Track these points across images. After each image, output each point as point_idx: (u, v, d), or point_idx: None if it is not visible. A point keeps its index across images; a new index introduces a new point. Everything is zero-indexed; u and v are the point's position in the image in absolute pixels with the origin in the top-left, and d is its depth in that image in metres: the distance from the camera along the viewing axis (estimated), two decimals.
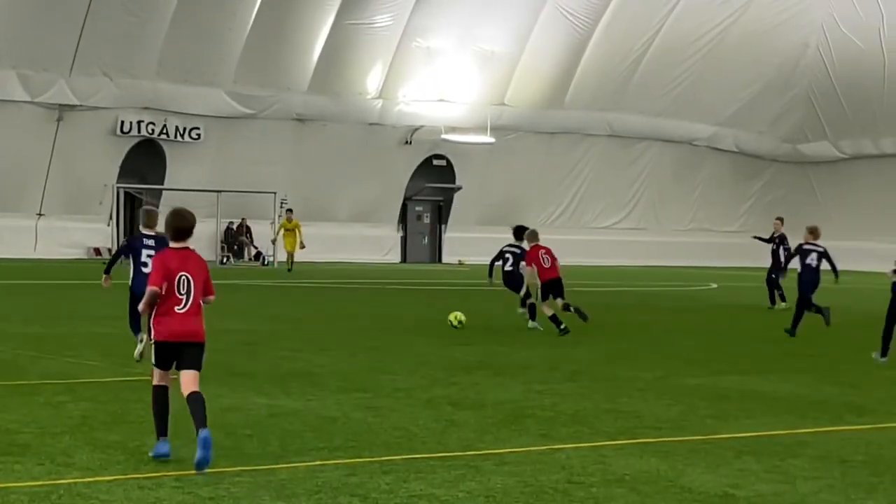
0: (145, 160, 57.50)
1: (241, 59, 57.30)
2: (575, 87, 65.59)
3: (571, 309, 25.11)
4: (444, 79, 62.33)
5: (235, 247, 59.51)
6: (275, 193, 56.90)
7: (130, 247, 18.12)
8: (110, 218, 54.70)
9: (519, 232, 27.14)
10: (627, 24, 64.30)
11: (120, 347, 19.62)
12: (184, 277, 10.88)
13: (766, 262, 35.78)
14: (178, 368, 10.91)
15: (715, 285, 45.70)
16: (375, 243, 63.15)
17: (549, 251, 25.78)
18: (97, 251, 55.55)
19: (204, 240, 57.12)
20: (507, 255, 27.15)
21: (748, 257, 65.18)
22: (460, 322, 24.78)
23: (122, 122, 56.47)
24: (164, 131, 57.47)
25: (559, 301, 25.03)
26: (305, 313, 28.81)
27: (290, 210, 54.20)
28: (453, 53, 61.69)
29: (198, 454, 10.24)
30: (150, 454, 10.78)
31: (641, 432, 12.78)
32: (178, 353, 10.89)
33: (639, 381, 17.02)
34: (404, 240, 65.23)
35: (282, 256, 53.97)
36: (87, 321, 24.57)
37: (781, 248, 34.78)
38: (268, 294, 36.00)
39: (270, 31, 56.75)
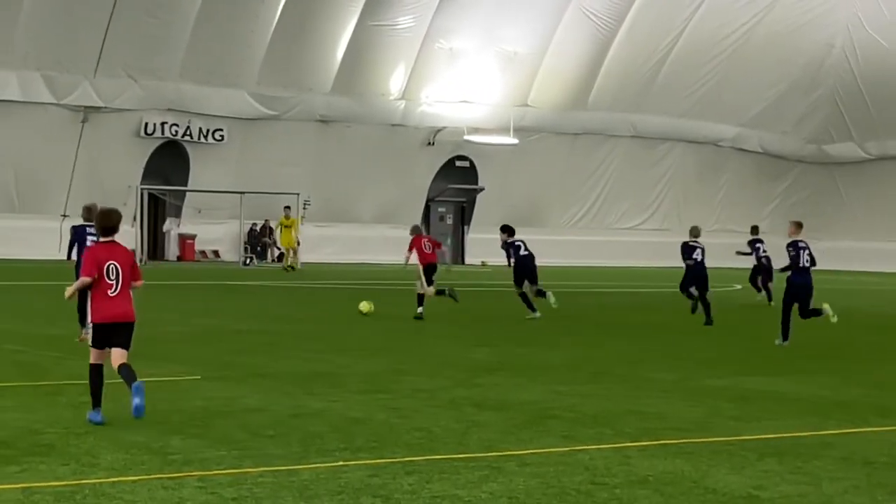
0: (169, 161, 57.65)
1: (264, 60, 57.40)
2: (598, 88, 65.50)
3: (446, 293, 28.44)
4: (466, 80, 62.32)
5: (258, 248, 59.59)
6: (298, 195, 56.96)
7: (78, 235, 20.91)
8: (134, 219, 54.75)
9: (508, 228, 29.64)
10: (651, 24, 64.19)
11: (144, 348, 19.62)
12: (112, 266, 12.64)
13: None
14: (110, 346, 12.61)
15: (739, 286, 45.55)
16: (398, 244, 62.81)
17: (430, 239, 29.65)
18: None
19: (227, 241, 57.28)
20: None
21: (774, 258, 65.01)
22: (365, 311, 27.68)
23: (146, 124, 56.63)
24: (188, 133, 57.61)
25: (431, 289, 28.20)
26: (327, 314, 28.81)
27: (287, 207, 54.40)
28: (476, 54, 61.67)
29: (135, 401, 12.15)
30: (87, 420, 12.38)
31: (665, 433, 12.74)
32: (112, 333, 12.63)
33: (661, 383, 16.97)
34: None
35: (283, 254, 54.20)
36: None
37: (755, 253, 35.78)
38: (290, 295, 36.02)
39: (293, 32, 56.82)
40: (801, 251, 23.33)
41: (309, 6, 56.86)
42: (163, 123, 57.05)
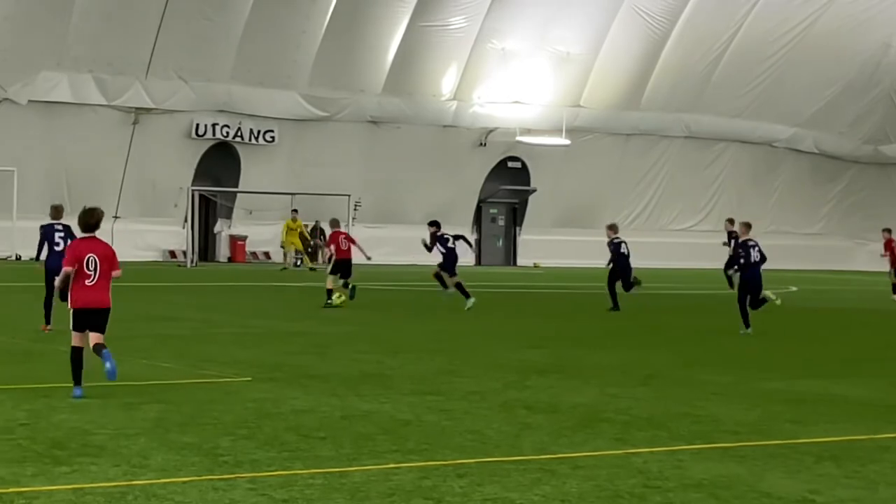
0: (220, 163, 57.88)
1: (315, 61, 57.52)
2: (651, 88, 65.28)
3: (348, 286, 31.55)
4: (518, 80, 62.24)
5: (309, 249, 59.70)
6: (348, 196, 57.04)
7: (46, 233, 22.47)
8: (185, 220, 55.04)
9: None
10: (705, 23, 63.90)
11: (194, 350, 19.69)
12: (91, 258, 14.27)
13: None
14: (88, 329, 14.23)
15: (794, 288, 45.26)
16: None
17: (347, 236, 33.11)
18: (172, 254, 55.98)
19: (278, 242, 57.40)
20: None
21: (830, 260, 64.77)
22: (338, 302, 30.55)
23: (197, 125, 56.88)
24: (239, 134, 57.82)
25: (342, 281, 31.64)
26: (377, 316, 28.81)
27: (295, 210, 54.58)
28: (528, 55, 61.59)
29: (106, 365, 13.98)
30: (71, 397, 13.91)
31: (719, 437, 12.62)
32: (89, 317, 14.26)
33: (715, 385, 16.84)
34: (479, 242, 65.13)
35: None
36: (161, 323, 24.71)
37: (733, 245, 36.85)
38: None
39: (345, 33, 56.91)
40: (752, 249, 25.96)
41: (360, 7, 56.92)
42: (214, 125, 57.27)
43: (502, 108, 62.70)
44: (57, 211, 22.87)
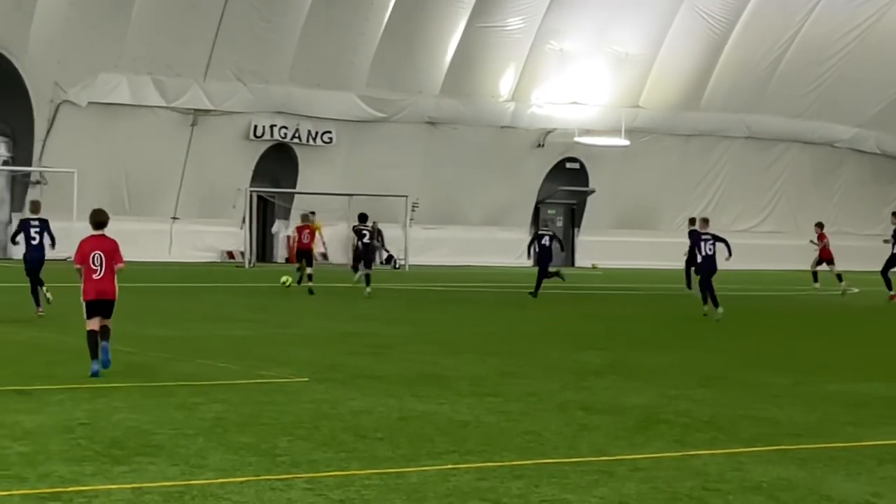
0: (278, 164, 58.10)
1: (373, 62, 57.63)
2: (711, 89, 64.99)
3: (311, 277, 36.39)
4: (577, 81, 62.12)
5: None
6: (406, 197, 57.09)
7: (23, 227, 24.50)
8: (243, 221, 55.28)
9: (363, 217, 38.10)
10: (766, 23, 63.55)
11: (252, 350, 19.74)
12: (97, 255, 16.17)
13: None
14: (98, 316, 16.05)
15: (856, 290, 44.90)
16: (507, 247, 63.05)
17: (311, 231, 38.29)
18: (230, 254, 56.21)
19: (335, 242, 57.56)
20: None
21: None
22: (285, 283, 35.93)
23: (255, 127, 57.11)
24: (297, 135, 58.01)
25: (309, 269, 36.67)
26: (435, 316, 28.80)
27: (312, 212, 54.68)
28: (587, 55, 61.46)
29: (101, 356, 15.82)
30: (90, 374, 15.64)
31: (779, 439, 12.51)
32: (98, 307, 16.06)
33: (775, 387, 16.70)
34: None
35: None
36: (219, 323, 24.80)
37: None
38: (398, 297, 36.07)
39: (402, 34, 56.98)
40: (705, 242, 29.15)
41: (418, 8, 56.98)
42: (272, 126, 57.49)
43: (561, 108, 62.59)
44: (35, 206, 25.37)
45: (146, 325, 23.97)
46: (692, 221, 42.06)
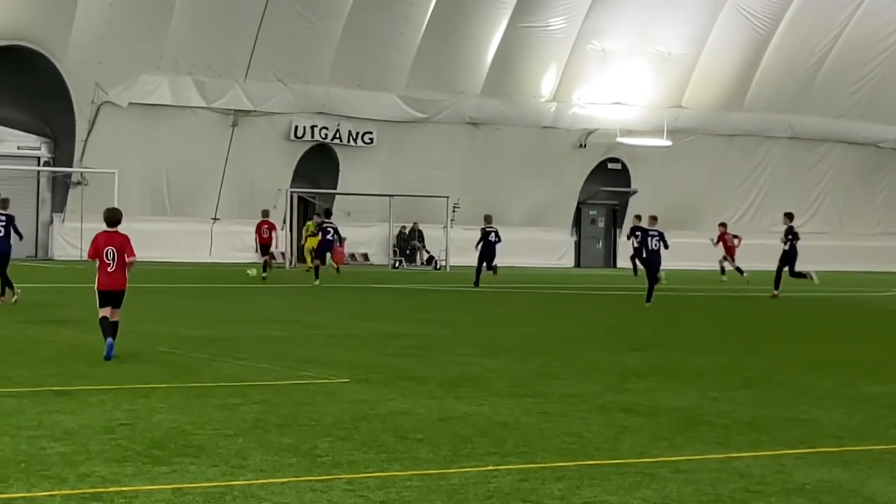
0: (318, 165, 58.19)
1: (413, 63, 57.66)
2: (754, 89, 64.75)
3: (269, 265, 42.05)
4: (619, 81, 61.97)
5: (408, 251, 59.81)
6: (447, 198, 57.08)
7: None
8: (284, 222, 55.37)
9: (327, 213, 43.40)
10: (810, 23, 63.27)
11: (291, 351, 19.75)
12: (109, 250, 17.66)
13: None
14: (108, 305, 17.71)
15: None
16: (549, 247, 62.98)
17: (270, 226, 42.65)
18: (271, 255, 56.30)
19: (376, 243, 57.61)
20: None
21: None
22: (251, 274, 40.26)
23: (296, 127, 57.22)
24: (337, 136, 58.08)
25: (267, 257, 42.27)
26: (476, 317, 28.75)
27: (317, 214, 54.72)
28: (629, 55, 61.32)
29: (106, 353, 17.30)
30: (104, 355, 17.34)
31: (822, 441, 12.42)
32: (109, 297, 17.72)
33: (818, 389, 16.59)
34: (578, 244, 64.96)
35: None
36: (259, 324, 24.83)
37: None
38: (439, 298, 36.06)
39: (443, 35, 56.99)
40: (651, 238, 32.69)
41: (458, 8, 56.97)
42: (312, 127, 57.58)
43: (602, 108, 62.45)
44: (4, 202, 27.71)
45: (186, 325, 24.03)
46: (638, 218, 45.87)
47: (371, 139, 58.90)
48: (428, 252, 59.75)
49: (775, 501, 9.63)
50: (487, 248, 41.22)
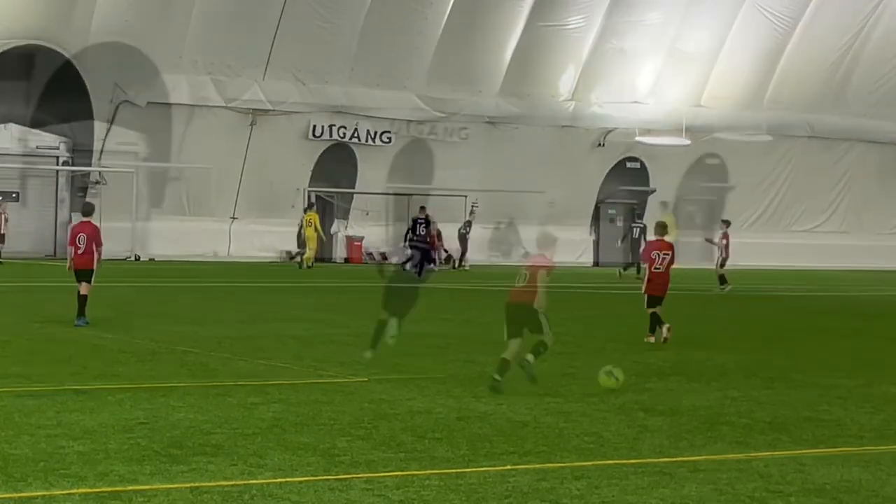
0: (337, 164, 58.13)
1: (432, 62, 57.60)
2: (774, 88, 64.55)
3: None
4: (638, 80, 61.82)
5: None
6: (465, 196, 56.99)
7: None
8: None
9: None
10: (830, 22, 63.04)
11: (311, 350, 19.76)
12: (81, 236, 22.62)
13: None
14: (83, 281, 22.43)
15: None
16: (567, 246, 62.71)
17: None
18: (290, 254, 56.33)
19: (394, 243, 57.55)
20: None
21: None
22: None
23: (314, 126, 57.17)
24: (356, 135, 58.00)
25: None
26: (494, 316, 28.65)
27: (312, 204, 54.73)
28: (648, 54, 61.17)
29: (76, 323, 22.06)
30: (75, 324, 21.92)
31: (842, 441, 12.38)
32: (81, 274, 22.49)
33: (839, 389, 16.54)
34: (597, 243, 64.85)
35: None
36: (278, 323, 24.84)
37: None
38: (458, 297, 36.03)
39: (462, 34, 56.92)
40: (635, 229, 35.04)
41: (477, 7, 56.90)
42: (331, 126, 57.54)
43: (621, 108, 62.30)
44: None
45: (205, 324, 24.06)
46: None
47: (389, 138, 58.87)
48: (446, 251, 59.63)
49: (795, 501, 9.59)
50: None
